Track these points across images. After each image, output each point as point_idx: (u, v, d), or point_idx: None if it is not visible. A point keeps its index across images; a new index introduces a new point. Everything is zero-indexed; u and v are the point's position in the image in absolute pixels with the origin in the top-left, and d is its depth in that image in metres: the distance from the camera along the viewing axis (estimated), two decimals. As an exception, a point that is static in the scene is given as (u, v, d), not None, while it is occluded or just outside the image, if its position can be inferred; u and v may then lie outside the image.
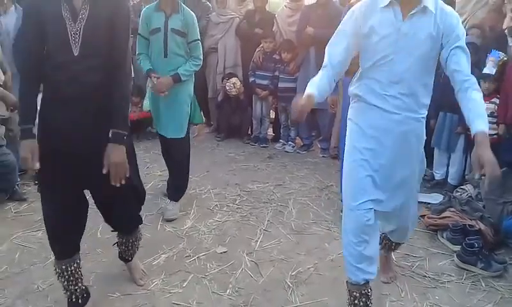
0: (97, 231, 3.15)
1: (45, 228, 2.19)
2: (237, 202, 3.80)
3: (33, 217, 3.42)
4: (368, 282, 2.19)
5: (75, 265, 2.24)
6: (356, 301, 2.18)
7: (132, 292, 2.57)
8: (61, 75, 1.98)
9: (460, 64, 1.98)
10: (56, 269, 2.24)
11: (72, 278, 2.24)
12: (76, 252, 2.27)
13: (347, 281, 2.23)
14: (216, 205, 3.73)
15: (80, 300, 2.31)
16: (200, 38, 3.44)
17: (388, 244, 2.64)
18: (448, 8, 2.04)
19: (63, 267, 2.21)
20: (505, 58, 3.68)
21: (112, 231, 2.54)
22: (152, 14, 3.32)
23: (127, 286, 2.60)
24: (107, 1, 1.99)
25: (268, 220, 3.47)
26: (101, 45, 1.99)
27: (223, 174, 4.44)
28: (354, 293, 2.19)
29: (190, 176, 3.70)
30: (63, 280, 2.24)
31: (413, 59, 2.02)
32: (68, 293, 2.28)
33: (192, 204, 3.69)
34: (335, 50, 2.12)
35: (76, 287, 2.28)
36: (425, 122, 2.20)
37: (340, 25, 2.14)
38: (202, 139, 5.56)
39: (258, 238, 3.20)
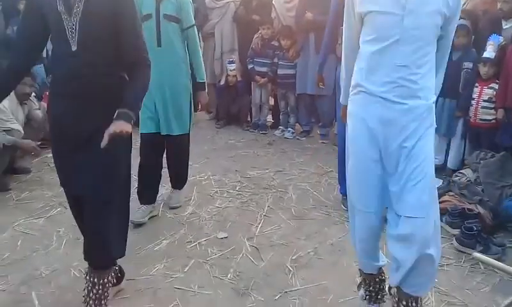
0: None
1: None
2: (237, 188, 3.82)
3: (34, 205, 3.44)
4: (381, 268, 2.22)
5: None
6: (371, 288, 2.24)
7: (135, 277, 2.59)
8: (61, 68, 2.02)
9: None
10: None
11: None
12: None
13: (360, 269, 2.26)
14: (216, 191, 3.75)
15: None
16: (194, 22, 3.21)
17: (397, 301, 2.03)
18: None
19: None
20: (504, 42, 3.68)
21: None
22: None
23: (129, 272, 2.61)
24: None
25: (268, 206, 3.49)
26: (99, 41, 1.96)
27: (222, 160, 4.45)
28: (367, 281, 2.24)
29: (190, 163, 3.68)
30: None
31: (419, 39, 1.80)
32: None
33: (193, 191, 3.71)
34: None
35: None
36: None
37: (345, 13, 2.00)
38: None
39: (259, 224, 3.22)
